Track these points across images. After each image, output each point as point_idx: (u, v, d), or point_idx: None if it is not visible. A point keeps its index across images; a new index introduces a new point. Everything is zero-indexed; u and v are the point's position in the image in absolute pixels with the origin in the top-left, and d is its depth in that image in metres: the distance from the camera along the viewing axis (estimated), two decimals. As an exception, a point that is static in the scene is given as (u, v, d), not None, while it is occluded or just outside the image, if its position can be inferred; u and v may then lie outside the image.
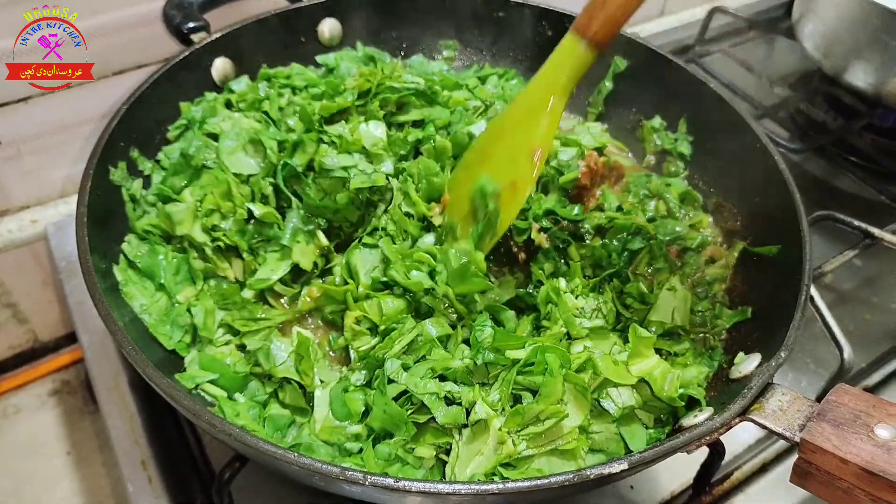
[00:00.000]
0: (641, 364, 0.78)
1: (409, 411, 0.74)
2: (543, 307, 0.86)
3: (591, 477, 0.60)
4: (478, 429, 0.72)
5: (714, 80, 1.09)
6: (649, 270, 0.94)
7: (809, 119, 1.50)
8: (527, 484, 0.59)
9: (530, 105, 0.85)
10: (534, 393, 0.74)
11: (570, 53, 0.81)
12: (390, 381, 0.76)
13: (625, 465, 0.61)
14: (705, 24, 1.65)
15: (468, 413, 0.74)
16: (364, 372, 0.80)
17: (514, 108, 0.88)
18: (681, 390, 0.77)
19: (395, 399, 0.75)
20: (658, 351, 0.84)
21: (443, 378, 0.77)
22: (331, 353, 0.87)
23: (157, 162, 0.99)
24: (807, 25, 1.41)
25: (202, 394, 0.80)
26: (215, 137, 0.98)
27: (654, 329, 0.86)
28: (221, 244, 0.89)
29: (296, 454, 0.60)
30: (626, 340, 0.82)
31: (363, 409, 0.77)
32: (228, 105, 1.06)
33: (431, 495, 0.59)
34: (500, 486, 0.59)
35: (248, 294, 0.88)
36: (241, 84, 1.10)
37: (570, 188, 1.00)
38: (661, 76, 1.14)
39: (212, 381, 0.79)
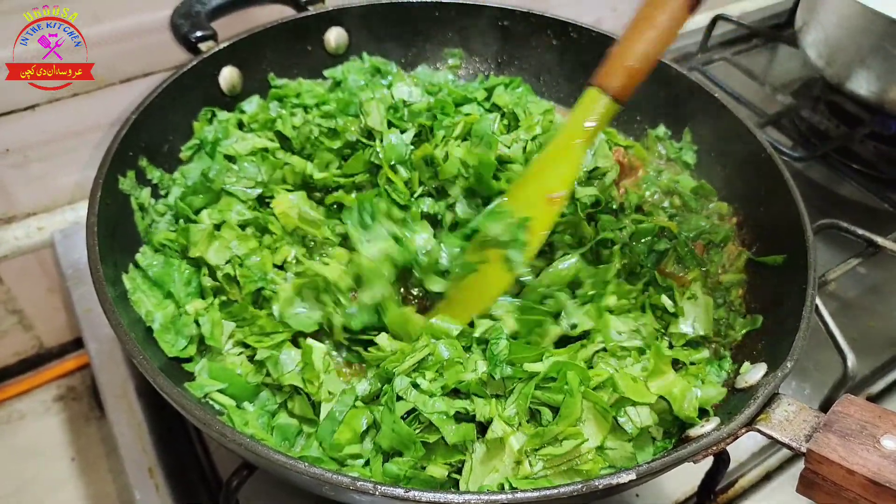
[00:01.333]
0: (660, 381, 0.78)
1: (418, 430, 0.73)
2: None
3: (600, 487, 0.61)
4: (493, 446, 0.72)
5: (718, 89, 1.10)
6: (678, 268, 0.95)
7: (812, 127, 1.50)
8: (535, 494, 0.59)
9: (556, 151, 0.87)
10: (550, 408, 0.74)
11: (592, 104, 0.82)
12: (399, 398, 0.75)
13: (633, 476, 0.62)
14: (708, 31, 1.66)
15: (483, 429, 0.74)
16: (371, 381, 0.80)
17: (543, 155, 0.90)
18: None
19: (404, 418, 0.74)
20: (675, 361, 0.84)
21: (455, 391, 0.76)
22: (340, 360, 0.87)
23: (174, 179, 1.00)
24: (809, 33, 1.41)
25: (210, 402, 0.80)
26: (231, 159, 1.00)
27: (674, 341, 0.87)
28: (231, 272, 0.89)
29: (306, 464, 0.60)
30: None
31: (364, 428, 0.75)
32: (240, 125, 1.08)
33: (441, 505, 0.59)
34: (510, 496, 0.59)
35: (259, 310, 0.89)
36: (253, 105, 1.11)
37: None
38: (665, 85, 1.15)
39: (221, 391, 0.80)
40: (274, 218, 0.94)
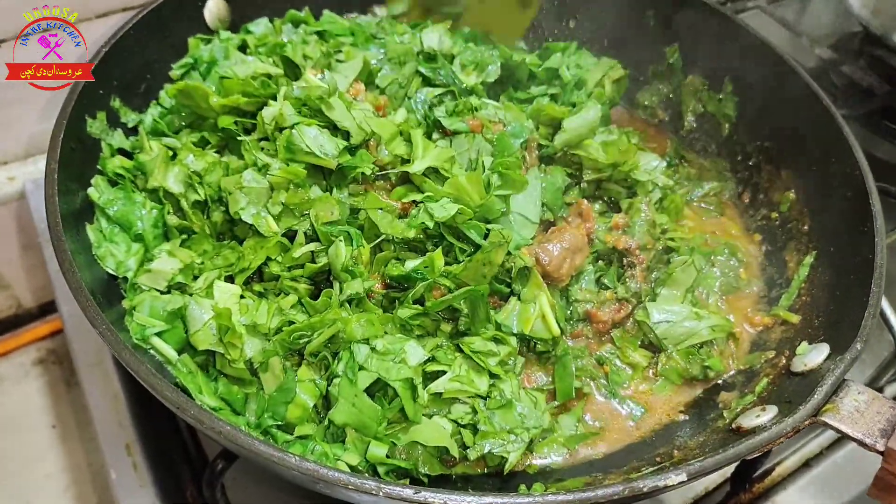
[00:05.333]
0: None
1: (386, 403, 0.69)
2: None
3: (644, 489, 0.52)
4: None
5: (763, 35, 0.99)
6: None
7: (853, 83, 1.39)
8: (569, 497, 0.50)
9: None
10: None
11: None
12: (361, 368, 0.68)
13: (683, 477, 0.53)
14: (740, -23, 1.53)
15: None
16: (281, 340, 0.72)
17: None
18: None
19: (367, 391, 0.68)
20: None
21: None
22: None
23: (156, 101, 0.92)
24: (853, -21, 1.29)
25: (153, 353, 0.71)
26: None
27: None
28: (200, 196, 0.80)
29: (296, 458, 0.51)
30: None
31: (312, 404, 0.70)
32: (242, 48, 0.97)
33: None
34: (538, 499, 0.50)
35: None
36: (260, 27, 1.02)
37: None
38: (703, 29, 1.04)
39: (159, 335, 0.71)
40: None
